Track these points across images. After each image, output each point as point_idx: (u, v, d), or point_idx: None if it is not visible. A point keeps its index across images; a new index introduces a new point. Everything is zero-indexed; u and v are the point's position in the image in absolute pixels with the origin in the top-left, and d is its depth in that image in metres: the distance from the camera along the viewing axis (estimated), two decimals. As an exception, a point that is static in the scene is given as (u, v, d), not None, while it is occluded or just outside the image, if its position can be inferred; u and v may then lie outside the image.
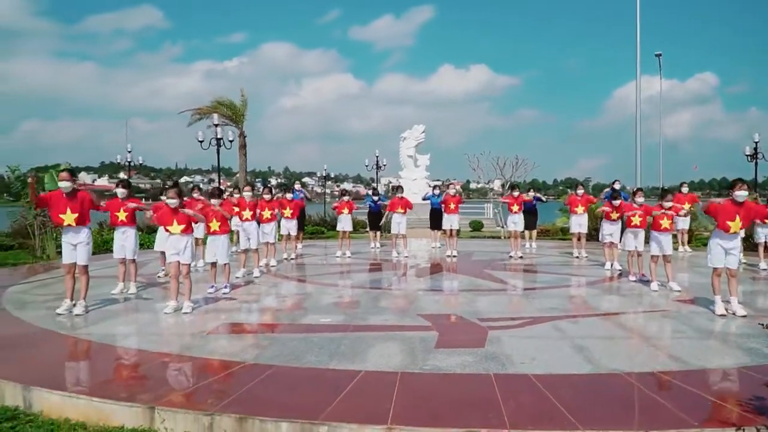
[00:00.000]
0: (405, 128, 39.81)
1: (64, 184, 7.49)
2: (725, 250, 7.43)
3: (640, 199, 10.18)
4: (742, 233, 12.20)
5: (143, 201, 11.02)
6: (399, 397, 4.43)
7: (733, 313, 7.23)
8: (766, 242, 11.97)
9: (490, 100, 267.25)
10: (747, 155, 24.25)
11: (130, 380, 5.08)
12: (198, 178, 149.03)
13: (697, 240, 16.66)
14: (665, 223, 9.06)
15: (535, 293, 9.58)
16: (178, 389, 4.79)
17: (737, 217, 7.21)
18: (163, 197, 8.61)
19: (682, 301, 8.38)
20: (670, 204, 9.07)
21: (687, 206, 11.52)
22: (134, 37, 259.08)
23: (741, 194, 7.25)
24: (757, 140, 24.01)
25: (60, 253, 15.53)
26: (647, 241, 9.54)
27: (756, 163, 24.11)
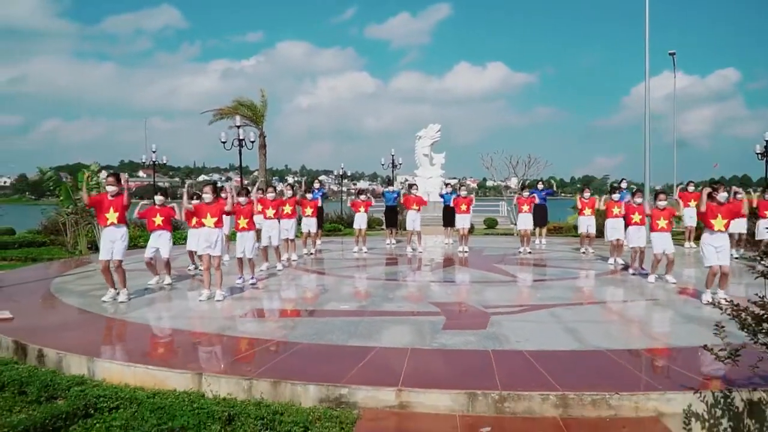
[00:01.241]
0: (421, 126, 40.38)
1: (111, 188, 8.35)
2: (714, 248, 8.04)
3: (638, 199, 10.82)
4: (744, 226, 12.84)
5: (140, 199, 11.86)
6: (408, 367, 5.18)
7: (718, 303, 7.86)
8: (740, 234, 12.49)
9: (506, 98, 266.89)
10: (758, 153, 24.53)
11: (178, 353, 5.90)
12: (216, 176, 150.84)
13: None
14: (662, 223, 9.66)
15: (539, 284, 10.29)
16: (220, 360, 5.60)
17: (719, 216, 7.85)
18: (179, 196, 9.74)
19: (674, 292, 9.01)
20: (664, 204, 9.68)
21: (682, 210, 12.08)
22: (153, 37, 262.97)
23: (722, 195, 7.90)
24: None
25: (91, 248, 16.60)
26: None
27: (766, 162, 24.37)
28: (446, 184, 18.72)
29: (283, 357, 5.63)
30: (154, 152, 29.13)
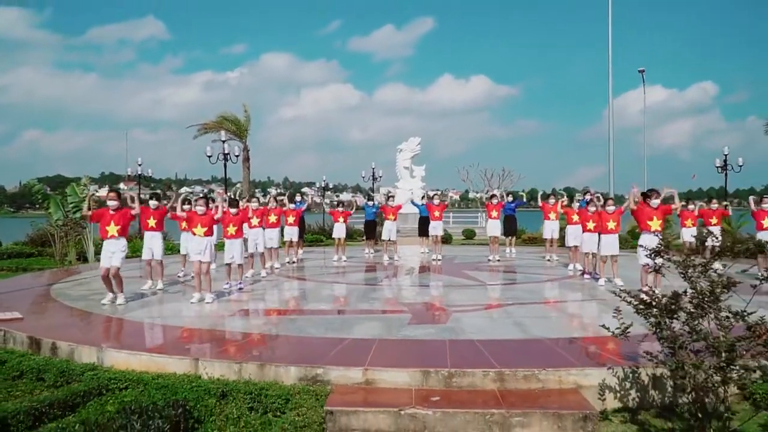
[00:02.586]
0: (405, 138, 41.43)
1: (113, 203, 9.22)
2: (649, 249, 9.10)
3: (610, 208, 11.80)
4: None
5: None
6: (375, 352, 6.11)
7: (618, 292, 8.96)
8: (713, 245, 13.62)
9: (489, 110, 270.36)
10: (717, 167, 25.98)
11: (176, 344, 6.76)
12: (198, 188, 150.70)
13: (674, 245, 18.31)
14: (611, 225, 10.71)
15: (499, 287, 11.34)
16: (213, 348, 6.48)
17: (654, 218, 8.94)
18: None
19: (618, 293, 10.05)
20: (613, 208, 10.79)
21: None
22: (136, 48, 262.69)
23: (655, 202, 9.00)
24: (726, 153, 25.74)
25: (79, 259, 17.26)
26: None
27: (726, 174, 25.82)
28: (422, 197, 19.72)
29: (267, 346, 6.54)
30: (140, 165, 29.82)
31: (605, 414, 5.26)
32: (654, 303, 4.71)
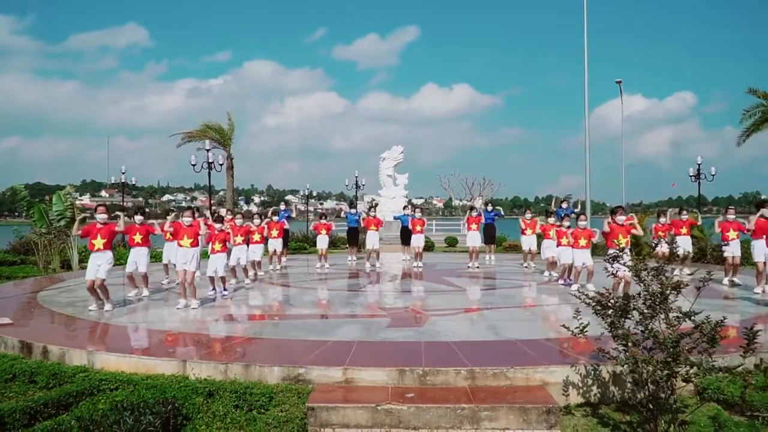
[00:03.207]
0: (389, 146, 41.90)
1: (102, 217, 9.50)
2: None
3: (582, 223, 12.26)
4: (689, 243, 14.45)
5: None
6: (354, 353, 6.45)
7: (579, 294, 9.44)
8: (685, 252, 14.15)
9: (473, 119, 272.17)
10: (691, 176, 26.72)
11: (165, 346, 7.05)
12: (180, 196, 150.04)
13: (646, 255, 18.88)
14: (582, 242, 11.19)
15: (476, 292, 11.76)
16: (200, 351, 6.78)
17: (620, 236, 9.41)
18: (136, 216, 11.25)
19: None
20: (584, 224, 11.29)
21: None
22: (118, 55, 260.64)
23: (620, 218, 9.47)
24: (699, 162, 26.50)
25: (63, 267, 17.35)
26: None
27: (699, 183, 26.57)
28: (405, 207, 20.08)
29: (252, 348, 6.85)
30: (123, 173, 29.87)
31: (569, 408, 5.66)
32: (609, 304, 5.12)
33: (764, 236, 10.60)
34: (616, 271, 5.58)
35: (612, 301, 5.14)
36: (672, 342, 4.60)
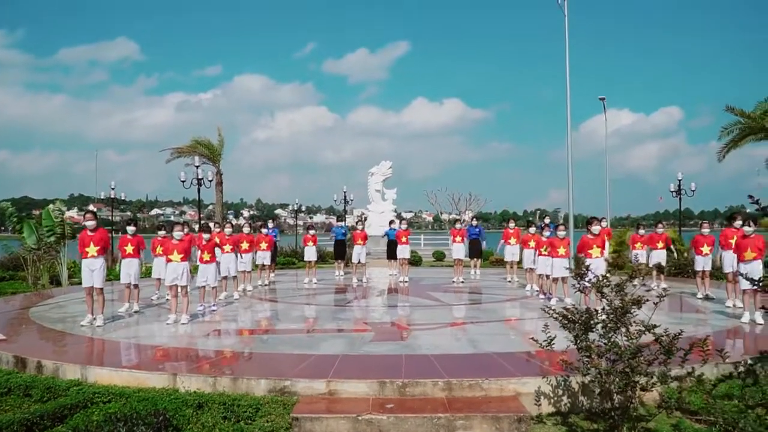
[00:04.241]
0: (379, 160, 42.30)
1: (90, 223, 9.75)
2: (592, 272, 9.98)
3: (561, 233, 12.66)
4: (663, 257, 14.85)
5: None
6: (338, 366, 6.76)
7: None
8: (659, 264, 14.60)
9: (463, 133, 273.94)
10: (672, 191, 27.34)
11: (155, 361, 7.32)
12: (169, 210, 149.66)
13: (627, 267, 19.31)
14: (561, 251, 11.60)
15: (459, 307, 12.10)
16: (190, 365, 7.05)
17: (594, 246, 9.81)
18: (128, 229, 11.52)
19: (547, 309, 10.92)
20: (563, 234, 11.70)
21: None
22: (108, 69, 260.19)
23: (595, 229, 9.88)
24: (680, 178, 27.14)
25: (53, 283, 17.48)
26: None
27: (680, 198, 27.19)
28: (391, 222, 20.44)
29: (240, 362, 7.14)
30: (113, 188, 30.02)
31: (540, 417, 5.99)
32: (574, 319, 5.48)
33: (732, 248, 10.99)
34: (582, 288, 5.93)
35: (577, 315, 5.50)
36: (630, 353, 4.96)
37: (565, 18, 20.27)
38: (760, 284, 3.54)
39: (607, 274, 6.02)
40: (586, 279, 5.82)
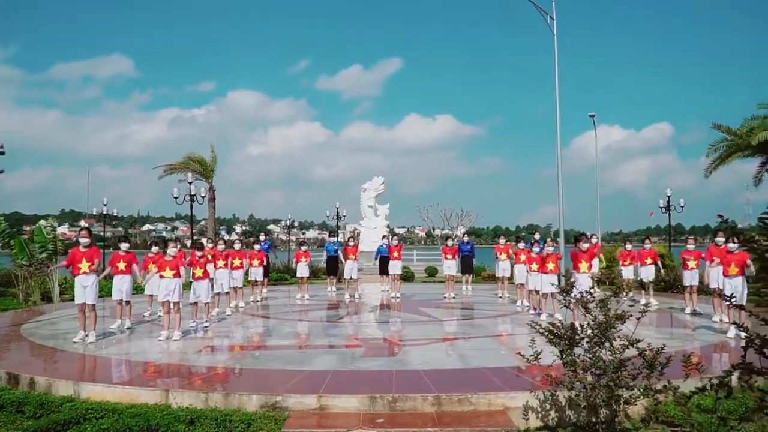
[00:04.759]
0: (372, 175, 42.49)
1: (85, 240, 9.82)
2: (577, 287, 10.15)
3: (550, 248, 12.84)
4: (652, 273, 15.03)
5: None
6: (329, 382, 6.85)
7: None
8: (647, 280, 14.78)
9: (455, 149, 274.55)
10: (661, 207, 27.64)
11: (148, 377, 7.38)
12: (161, 226, 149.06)
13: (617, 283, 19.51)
14: (550, 266, 11.76)
15: (450, 323, 12.20)
16: (182, 381, 7.11)
17: (583, 261, 9.98)
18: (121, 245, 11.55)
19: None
20: (551, 249, 11.85)
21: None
22: (102, 84, 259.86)
23: (584, 246, 10.04)
24: (669, 194, 27.45)
25: (44, 299, 17.45)
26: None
27: (669, 214, 27.48)
28: (383, 237, 20.59)
29: (232, 378, 7.21)
30: (105, 205, 30.04)
31: (528, 431, 6.08)
32: (560, 334, 5.61)
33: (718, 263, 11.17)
34: (568, 303, 6.07)
35: (562, 330, 5.63)
36: (614, 368, 5.08)
37: (554, 37, 20.62)
38: (731, 300, 3.68)
39: (593, 290, 6.18)
40: (572, 294, 5.96)
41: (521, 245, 14.77)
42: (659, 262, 15.56)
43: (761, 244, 2.71)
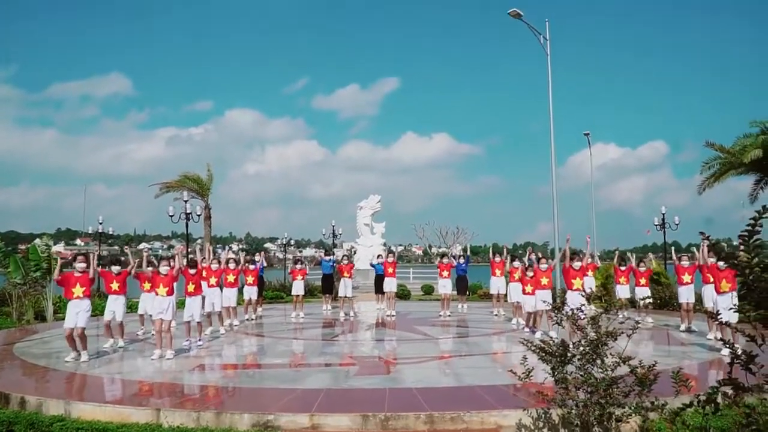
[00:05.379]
0: (368, 194, 42.59)
1: (81, 265, 9.81)
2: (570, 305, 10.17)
3: (543, 265, 12.84)
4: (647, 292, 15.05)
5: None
6: (322, 400, 6.81)
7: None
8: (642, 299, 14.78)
9: (452, 167, 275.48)
10: (656, 225, 27.73)
11: (139, 396, 7.33)
12: (157, 244, 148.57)
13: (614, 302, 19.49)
14: (544, 281, 11.78)
15: (445, 341, 12.16)
16: (173, 400, 7.07)
17: (577, 278, 10.00)
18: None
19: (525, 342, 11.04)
20: (545, 266, 11.88)
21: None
22: (100, 103, 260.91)
23: (576, 264, 10.08)
24: (664, 212, 27.57)
25: (37, 318, 17.35)
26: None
27: (664, 232, 27.57)
28: (378, 256, 20.58)
29: (224, 396, 7.18)
30: (101, 223, 29.98)
31: (521, 450, 6.05)
32: (552, 351, 5.61)
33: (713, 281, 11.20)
34: (559, 320, 6.08)
35: (554, 348, 5.63)
36: (605, 384, 5.08)
37: (548, 57, 20.86)
38: (718, 317, 3.71)
39: (586, 307, 6.18)
40: (563, 312, 5.98)
41: (516, 263, 14.80)
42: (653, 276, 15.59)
43: (742, 261, 2.75)
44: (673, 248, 14.83)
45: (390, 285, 17.04)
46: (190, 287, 11.23)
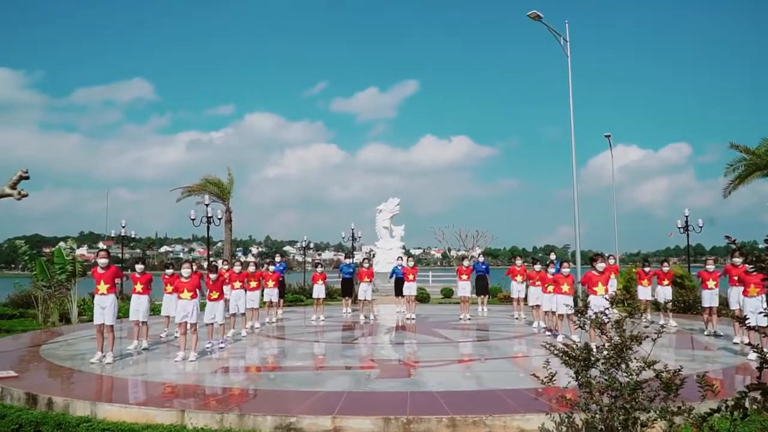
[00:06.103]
0: (387, 197, 42.68)
1: (103, 261, 9.98)
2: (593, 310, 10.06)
3: (565, 270, 12.69)
4: (669, 293, 14.90)
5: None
6: (343, 403, 6.84)
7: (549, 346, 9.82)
8: (665, 301, 14.61)
9: (471, 170, 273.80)
10: (679, 228, 27.37)
11: (163, 398, 7.42)
12: (179, 247, 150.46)
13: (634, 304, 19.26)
14: (565, 287, 11.69)
15: (465, 344, 12.13)
16: (197, 401, 7.15)
17: (599, 283, 9.90)
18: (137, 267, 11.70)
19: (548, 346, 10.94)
20: (567, 271, 11.79)
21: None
22: (122, 108, 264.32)
23: (600, 266, 9.97)
24: (687, 215, 27.20)
25: (62, 321, 17.65)
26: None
27: (687, 234, 27.20)
28: (398, 258, 20.60)
29: (247, 399, 7.23)
30: (123, 227, 30.42)
31: (544, 455, 6.01)
32: (575, 355, 5.57)
33: (738, 284, 11.02)
34: (582, 324, 6.03)
35: (578, 351, 5.59)
36: (630, 389, 5.03)
37: (568, 59, 20.70)
38: (746, 321, 3.65)
39: (609, 310, 6.12)
40: (587, 315, 5.92)
41: (537, 267, 14.70)
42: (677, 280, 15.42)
43: (770, 264, 2.71)
44: (710, 258, 14.35)
45: (410, 289, 17.05)
46: (213, 294, 11.32)
